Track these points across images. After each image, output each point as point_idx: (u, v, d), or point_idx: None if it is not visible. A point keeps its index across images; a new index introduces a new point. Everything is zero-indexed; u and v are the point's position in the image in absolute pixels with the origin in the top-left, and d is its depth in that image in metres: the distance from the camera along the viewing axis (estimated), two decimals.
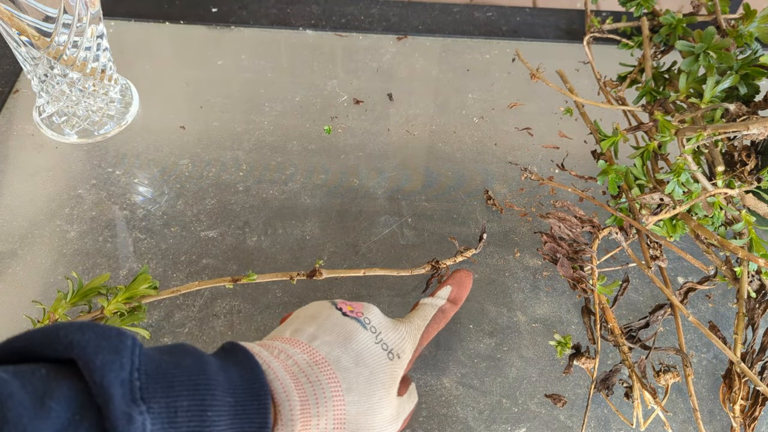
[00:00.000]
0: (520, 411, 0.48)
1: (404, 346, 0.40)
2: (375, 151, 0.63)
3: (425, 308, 0.44)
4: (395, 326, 0.41)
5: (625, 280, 0.49)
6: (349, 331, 0.38)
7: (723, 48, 0.51)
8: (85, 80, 0.57)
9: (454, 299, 0.46)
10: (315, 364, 0.35)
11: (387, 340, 0.39)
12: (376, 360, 0.38)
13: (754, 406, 0.45)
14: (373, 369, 0.37)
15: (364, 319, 0.39)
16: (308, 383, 0.34)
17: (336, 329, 0.38)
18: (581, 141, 0.64)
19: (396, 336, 0.40)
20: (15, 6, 0.49)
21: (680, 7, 0.68)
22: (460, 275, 0.47)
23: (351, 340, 0.38)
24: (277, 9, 0.75)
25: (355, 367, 0.37)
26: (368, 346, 0.38)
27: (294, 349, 0.36)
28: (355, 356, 0.37)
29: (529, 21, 0.76)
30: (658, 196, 0.49)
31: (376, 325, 0.40)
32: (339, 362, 0.36)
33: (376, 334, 0.39)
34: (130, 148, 0.62)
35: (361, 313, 0.40)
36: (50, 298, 0.51)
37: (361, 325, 0.39)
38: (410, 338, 0.41)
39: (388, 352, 0.39)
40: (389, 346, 0.39)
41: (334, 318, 0.39)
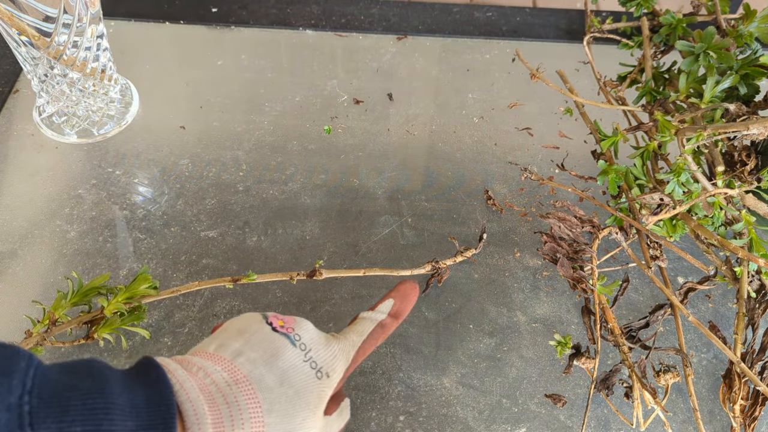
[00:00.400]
0: (520, 411, 0.48)
1: (335, 364, 0.39)
2: (375, 151, 0.63)
3: (363, 323, 0.42)
4: (327, 343, 0.39)
5: (625, 280, 0.49)
6: (277, 348, 0.37)
7: (723, 48, 0.51)
8: (85, 80, 0.57)
9: (395, 313, 0.44)
10: (235, 383, 0.34)
11: (317, 357, 0.38)
12: (302, 379, 0.36)
13: (754, 406, 0.45)
14: (298, 389, 0.36)
15: (294, 336, 0.38)
16: (225, 404, 0.33)
17: (263, 345, 0.37)
18: (581, 141, 0.64)
19: (327, 354, 0.38)
20: (15, 6, 0.49)
21: (680, 7, 0.68)
22: (405, 287, 0.45)
23: (277, 357, 0.36)
24: (277, 9, 0.75)
25: (279, 386, 0.35)
26: (295, 364, 0.37)
27: (214, 367, 0.35)
28: (281, 375, 0.36)
29: (529, 21, 0.76)
30: (658, 196, 0.49)
31: (306, 342, 0.38)
32: (261, 381, 0.35)
33: (305, 351, 0.37)
34: (130, 148, 0.62)
35: (292, 329, 0.38)
36: (50, 298, 0.51)
37: (290, 341, 0.37)
38: (342, 356, 0.39)
39: (317, 371, 0.37)
40: (318, 364, 0.38)
41: (263, 333, 0.37)
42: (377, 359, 0.50)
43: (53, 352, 0.49)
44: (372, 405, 0.48)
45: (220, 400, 0.33)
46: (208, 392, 0.33)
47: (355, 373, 0.49)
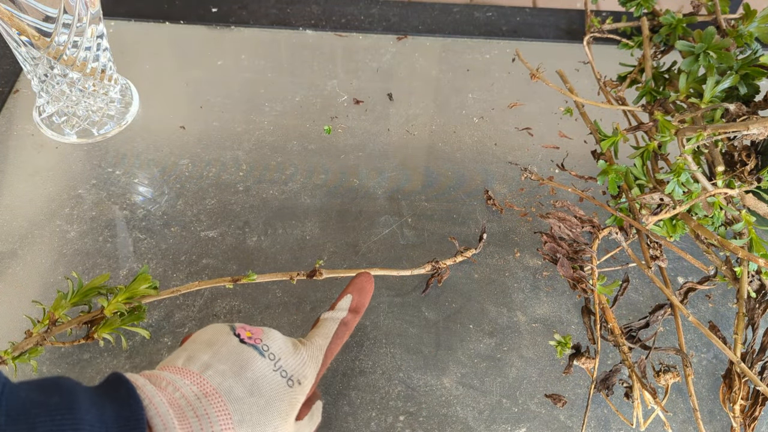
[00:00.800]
0: (520, 411, 0.48)
1: (305, 371, 0.39)
2: (375, 151, 0.63)
3: (326, 324, 0.43)
4: (296, 351, 0.39)
5: (625, 280, 0.49)
6: (245, 360, 0.37)
7: (723, 48, 0.51)
8: (85, 80, 0.57)
9: (355, 308, 0.44)
10: (204, 396, 0.34)
11: (287, 366, 0.38)
12: (273, 388, 0.37)
13: (754, 406, 0.45)
14: (269, 398, 0.36)
15: (262, 346, 0.38)
16: (195, 417, 0.33)
17: (231, 357, 0.37)
18: (581, 141, 0.64)
19: (296, 361, 0.39)
20: (15, 6, 0.49)
21: (680, 7, 0.68)
22: (361, 280, 0.46)
23: (246, 368, 0.36)
24: (277, 9, 0.75)
25: (249, 397, 0.35)
26: (265, 375, 0.37)
27: (183, 381, 0.35)
28: (250, 386, 0.36)
29: (529, 21, 0.76)
30: (658, 196, 0.49)
31: (275, 352, 0.38)
32: (231, 393, 0.35)
33: (274, 361, 0.38)
34: (130, 148, 0.62)
35: (260, 340, 0.38)
36: (50, 298, 0.51)
37: (258, 352, 0.37)
38: (312, 362, 0.40)
39: (288, 379, 0.38)
40: (289, 372, 0.38)
41: (231, 345, 0.37)
42: (377, 359, 0.50)
43: (53, 352, 0.49)
44: (372, 405, 0.48)
45: (190, 414, 0.33)
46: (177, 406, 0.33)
47: (355, 372, 0.49)
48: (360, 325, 0.51)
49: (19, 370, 0.48)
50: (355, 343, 0.51)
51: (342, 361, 0.50)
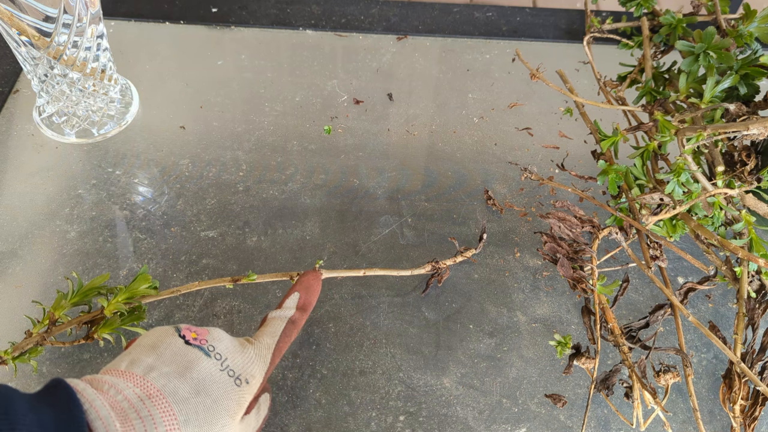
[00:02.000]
0: (520, 411, 0.48)
1: (253, 370, 0.39)
2: (375, 151, 0.63)
3: (274, 323, 0.42)
4: (243, 350, 0.39)
5: (625, 280, 0.49)
6: (191, 360, 0.37)
7: (723, 48, 0.51)
8: (85, 80, 0.57)
9: (303, 306, 0.44)
10: (148, 397, 0.34)
11: (234, 365, 0.38)
12: (221, 388, 0.36)
13: (754, 406, 0.45)
14: (216, 397, 0.36)
15: (207, 347, 0.38)
16: (138, 419, 0.33)
17: (176, 359, 0.37)
18: (581, 141, 0.64)
19: (243, 360, 0.39)
20: (15, 6, 0.49)
21: (680, 7, 0.68)
22: (308, 279, 0.46)
23: (192, 369, 0.36)
24: (277, 9, 0.75)
25: (195, 396, 0.35)
26: (212, 374, 0.37)
27: (126, 383, 0.34)
28: (196, 385, 0.36)
29: (529, 21, 0.76)
30: (658, 196, 0.49)
31: (221, 352, 0.38)
32: (176, 393, 0.35)
33: (221, 360, 0.38)
34: (130, 148, 0.62)
35: (206, 341, 0.38)
36: (50, 298, 0.51)
37: (204, 353, 0.37)
38: (260, 360, 0.40)
39: (235, 378, 0.38)
40: (236, 372, 0.38)
41: (175, 347, 0.37)
42: (377, 359, 0.50)
43: (53, 352, 0.49)
44: (372, 405, 0.48)
45: (133, 416, 0.33)
46: (120, 409, 0.33)
47: (355, 372, 0.49)
48: (360, 324, 0.51)
49: (19, 370, 0.48)
50: (355, 343, 0.51)
51: (342, 361, 0.50)
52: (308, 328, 0.51)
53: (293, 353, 0.50)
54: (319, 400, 0.48)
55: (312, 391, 0.48)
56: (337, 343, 0.51)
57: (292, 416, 0.47)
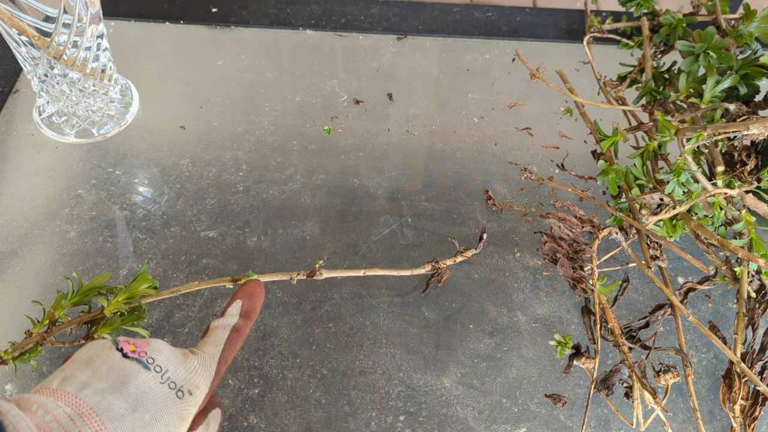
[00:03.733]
0: (520, 411, 0.48)
1: (196, 381, 0.37)
2: (375, 151, 0.63)
3: (218, 332, 0.41)
4: (186, 361, 0.38)
5: (625, 280, 0.49)
6: (128, 375, 0.35)
7: (723, 48, 0.51)
8: (85, 80, 0.57)
9: (246, 313, 0.42)
10: (80, 416, 0.32)
11: (175, 377, 0.36)
12: (160, 402, 0.35)
13: (754, 406, 0.45)
14: (155, 412, 0.34)
15: (147, 360, 0.36)
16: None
17: (112, 374, 0.35)
18: (581, 141, 0.64)
19: (186, 371, 0.37)
20: (15, 6, 0.49)
21: (680, 7, 0.68)
22: (250, 286, 0.44)
23: (129, 383, 0.34)
24: (277, 9, 0.75)
25: (132, 413, 0.33)
26: (151, 388, 0.35)
27: (57, 402, 0.32)
28: (134, 401, 0.34)
29: (529, 21, 0.76)
30: (658, 196, 0.49)
31: (161, 364, 0.36)
32: (111, 411, 0.33)
33: (161, 373, 0.36)
34: (130, 148, 0.62)
35: (145, 353, 0.37)
36: (50, 298, 0.51)
37: (143, 366, 0.36)
38: (204, 371, 0.38)
39: (177, 390, 0.36)
40: (178, 383, 0.36)
41: (112, 361, 0.35)
42: (377, 359, 0.50)
43: (53, 352, 0.49)
44: (372, 405, 0.48)
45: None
46: (47, 430, 0.31)
47: (355, 372, 0.49)
48: (360, 324, 0.51)
49: (19, 370, 0.48)
50: (355, 343, 0.51)
51: (342, 361, 0.50)
52: (308, 328, 0.51)
53: (293, 353, 0.50)
54: (319, 400, 0.48)
55: (312, 391, 0.48)
56: (337, 343, 0.51)
57: (292, 416, 0.47)
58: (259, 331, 0.51)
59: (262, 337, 0.51)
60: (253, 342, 0.50)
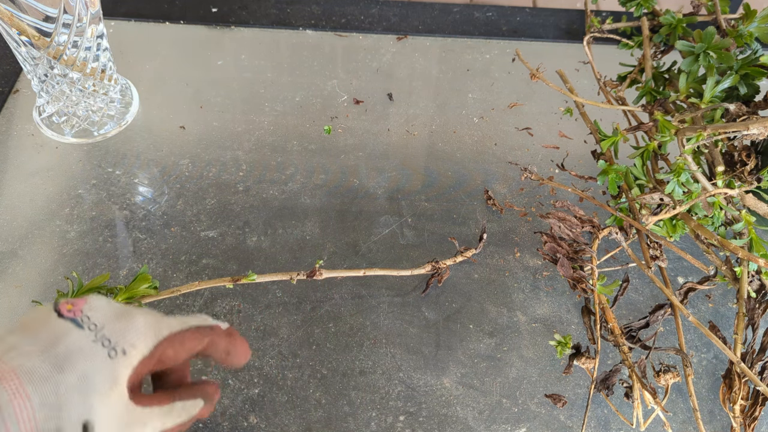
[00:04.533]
0: (520, 411, 0.48)
1: (134, 339, 0.34)
2: (375, 151, 0.63)
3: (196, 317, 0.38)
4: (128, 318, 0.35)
5: (625, 280, 0.49)
6: (58, 334, 0.33)
7: (723, 48, 0.51)
8: (85, 80, 0.57)
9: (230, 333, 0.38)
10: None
11: (110, 334, 0.34)
12: (88, 361, 0.33)
13: (754, 406, 0.45)
14: (82, 374, 0.32)
15: (82, 318, 0.34)
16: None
17: (42, 335, 0.33)
18: (581, 141, 0.64)
19: (124, 328, 0.34)
20: (15, 6, 0.49)
21: (680, 7, 0.68)
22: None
23: (58, 344, 0.33)
24: (277, 9, 0.75)
25: (57, 374, 0.32)
26: (81, 347, 0.33)
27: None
28: (60, 362, 0.32)
29: (529, 21, 0.76)
30: (658, 196, 0.49)
31: (97, 321, 0.34)
32: (33, 373, 0.31)
33: (95, 331, 0.34)
34: (130, 148, 0.62)
35: (81, 311, 0.34)
36: (50, 298, 0.51)
37: (75, 324, 0.34)
38: (148, 332, 0.35)
39: (110, 349, 0.33)
40: (113, 342, 0.34)
41: (47, 323, 0.34)
42: (377, 359, 0.50)
43: None
44: (372, 405, 0.48)
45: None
46: None
47: (355, 372, 0.49)
48: (360, 324, 0.51)
49: None
50: (355, 343, 0.51)
51: (342, 361, 0.50)
52: (308, 328, 0.51)
53: (293, 353, 0.50)
54: (319, 400, 0.48)
55: (312, 391, 0.48)
56: (337, 343, 0.51)
57: (292, 416, 0.47)
58: (259, 331, 0.51)
59: (262, 337, 0.51)
60: (253, 342, 0.50)
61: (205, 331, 0.37)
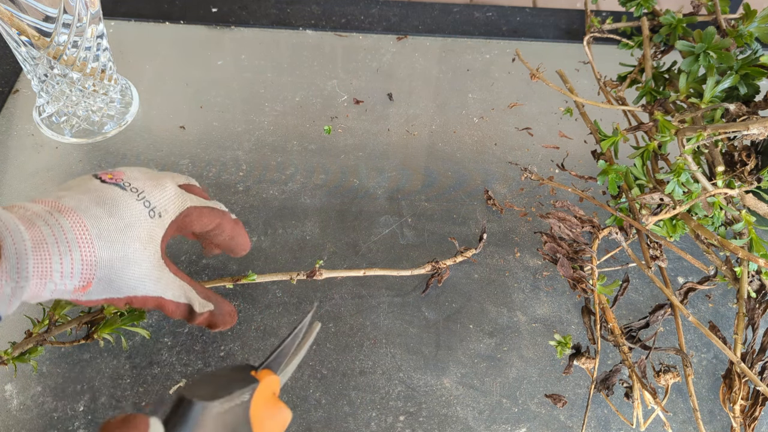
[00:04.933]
0: (520, 411, 0.48)
1: (168, 206, 0.39)
2: (375, 151, 0.63)
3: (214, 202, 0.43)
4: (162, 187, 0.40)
5: (625, 280, 0.49)
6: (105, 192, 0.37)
7: (723, 48, 0.51)
8: (85, 80, 0.57)
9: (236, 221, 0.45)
10: (58, 211, 0.35)
11: (150, 197, 0.38)
12: (134, 214, 0.37)
13: (754, 406, 0.45)
14: (129, 222, 0.36)
15: (123, 183, 0.38)
16: (46, 225, 0.34)
17: (90, 192, 0.37)
18: (581, 141, 0.64)
19: (161, 195, 0.39)
20: (15, 6, 0.49)
21: (680, 7, 0.68)
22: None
23: (105, 197, 0.37)
24: (277, 9, 0.75)
25: (108, 217, 0.36)
26: (126, 201, 0.37)
27: (36, 205, 0.35)
28: (110, 208, 0.36)
29: (529, 21, 0.76)
30: (658, 196, 0.49)
31: (137, 187, 0.39)
32: (88, 211, 0.35)
33: (137, 193, 0.38)
34: (130, 148, 0.62)
35: (121, 179, 0.39)
36: None
37: (119, 187, 0.38)
38: (177, 200, 0.40)
39: (150, 210, 0.38)
40: (152, 203, 0.38)
41: (91, 185, 0.38)
42: (377, 359, 0.50)
43: (53, 351, 0.49)
44: (372, 405, 0.48)
45: (39, 223, 0.33)
46: (25, 218, 0.33)
47: (355, 372, 0.49)
48: (360, 324, 0.51)
49: (19, 371, 0.48)
50: (355, 343, 0.51)
51: (342, 361, 0.50)
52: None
53: None
54: (319, 400, 0.48)
55: (312, 391, 0.48)
56: (337, 343, 0.51)
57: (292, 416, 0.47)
58: (259, 331, 0.51)
59: (262, 337, 0.51)
60: (253, 342, 0.50)
61: (218, 212, 0.43)
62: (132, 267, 0.37)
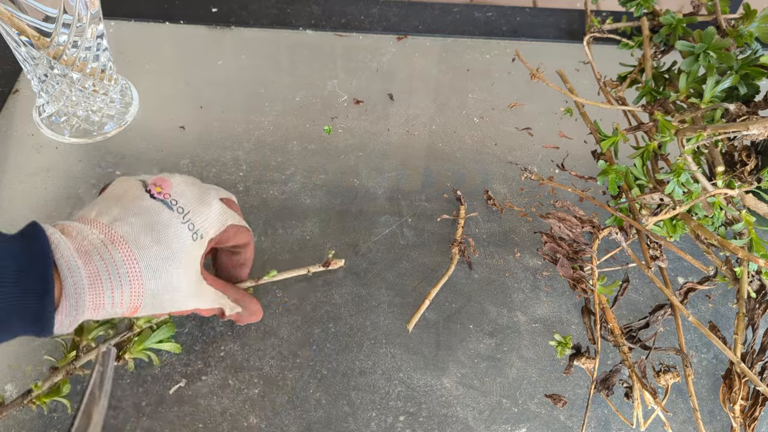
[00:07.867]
0: (520, 411, 0.48)
1: (209, 227, 0.41)
2: (375, 151, 0.63)
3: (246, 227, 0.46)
4: (207, 204, 0.42)
5: (625, 280, 0.49)
6: (152, 213, 0.39)
7: (723, 48, 0.51)
8: (85, 80, 0.57)
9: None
10: (111, 243, 0.37)
11: (194, 218, 0.41)
12: (179, 240, 0.39)
13: (754, 407, 0.45)
14: (174, 250, 0.39)
15: (171, 201, 0.40)
16: (100, 260, 0.36)
17: (141, 211, 0.39)
18: (581, 141, 0.64)
19: (205, 215, 0.41)
20: (15, 6, 0.49)
21: (680, 7, 0.68)
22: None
23: (154, 222, 0.39)
24: (277, 9, 0.75)
25: (155, 246, 0.38)
26: (172, 226, 0.39)
27: (92, 231, 0.37)
28: (157, 236, 0.38)
29: (529, 21, 0.76)
30: (658, 196, 0.49)
31: (183, 206, 0.41)
32: (138, 241, 0.38)
33: (183, 214, 0.40)
34: (130, 148, 0.62)
35: (169, 195, 0.41)
36: None
37: (167, 206, 0.40)
38: (221, 219, 0.42)
39: (194, 233, 0.40)
40: (196, 226, 0.40)
41: (140, 200, 0.40)
42: (377, 359, 0.50)
43: (54, 353, 0.49)
44: (372, 405, 0.48)
45: (95, 257, 0.36)
46: (83, 251, 0.36)
47: (355, 372, 0.49)
48: (360, 324, 0.51)
49: (19, 370, 0.48)
50: (355, 343, 0.51)
51: (342, 361, 0.50)
52: (308, 328, 0.51)
53: (293, 353, 0.50)
54: (319, 400, 0.48)
55: (312, 391, 0.48)
56: (337, 343, 0.51)
57: (292, 416, 0.47)
58: (259, 331, 0.51)
59: (262, 337, 0.51)
60: (253, 342, 0.50)
61: (250, 232, 0.46)
62: (175, 292, 0.40)
